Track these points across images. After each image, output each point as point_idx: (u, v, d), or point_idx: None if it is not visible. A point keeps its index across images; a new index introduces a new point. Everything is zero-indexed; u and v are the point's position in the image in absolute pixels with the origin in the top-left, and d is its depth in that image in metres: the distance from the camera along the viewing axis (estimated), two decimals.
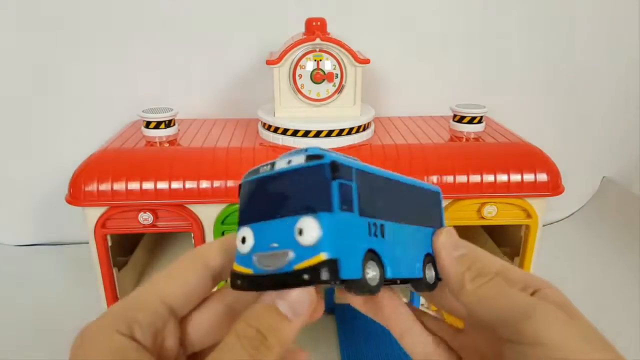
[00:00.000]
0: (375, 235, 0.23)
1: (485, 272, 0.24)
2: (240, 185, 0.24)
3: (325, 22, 0.56)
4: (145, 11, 0.66)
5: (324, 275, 0.20)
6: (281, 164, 0.22)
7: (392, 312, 0.26)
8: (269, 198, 0.22)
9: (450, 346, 0.27)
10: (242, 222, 0.23)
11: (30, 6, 0.64)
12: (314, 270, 0.20)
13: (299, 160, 0.22)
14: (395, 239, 0.24)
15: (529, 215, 0.54)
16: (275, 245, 0.21)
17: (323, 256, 0.20)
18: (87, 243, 0.52)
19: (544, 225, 0.55)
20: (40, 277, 0.66)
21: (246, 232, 0.22)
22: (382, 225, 0.23)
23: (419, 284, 0.26)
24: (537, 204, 0.54)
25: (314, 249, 0.20)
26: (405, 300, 0.27)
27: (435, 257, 0.26)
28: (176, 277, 0.23)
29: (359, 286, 0.21)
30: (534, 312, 0.21)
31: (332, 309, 0.58)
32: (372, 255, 0.22)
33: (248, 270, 0.22)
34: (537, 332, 0.20)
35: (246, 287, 0.22)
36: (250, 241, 0.22)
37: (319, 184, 0.21)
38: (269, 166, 0.23)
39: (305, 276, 0.20)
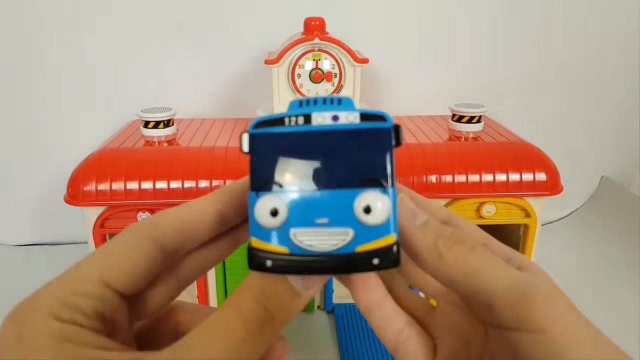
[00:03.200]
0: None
1: (462, 239, 0.20)
2: (251, 137, 0.19)
3: (324, 22, 0.56)
4: (144, 11, 0.66)
5: (395, 260, 0.17)
6: (322, 119, 0.18)
7: (361, 284, 0.22)
8: (308, 161, 0.18)
9: (422, 324, 0.23)
10: (263, 187, 0.18)
11: (30, 6, 0.64)
12: (386, 254, 0.17)
13: (350, 118, 0.18)
14: None
15: (527, 215, 0.54)
16: (324, 221, 0.17)
17: (393, 237, 0.17)
18: (86, 243, 0.52)
19: (542, 225, 0.55)
20: (39, 277, 0.66)
21: (276, 201, 0.18)
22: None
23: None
24: (536, 204, 0.54)
25: (382, 228, 0.17)
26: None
27: None
28: (121, 258, 0.19)
29: (396, 265, 0.18)
30: (535, 292, 0.18)
31: (332, 308, 0.58)
32: None
33: (281, 249, 0.18)
34: (538, 317, 0.18)
35: (281, 270, 0.18)
36: (283, 213, 0.18)
37: (381, 150, 0.18)
38: (300, 119, 0.18)
39: (375, 261, 0.17)
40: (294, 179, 0.18)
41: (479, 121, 0.60)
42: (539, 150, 0.55)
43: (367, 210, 0.17)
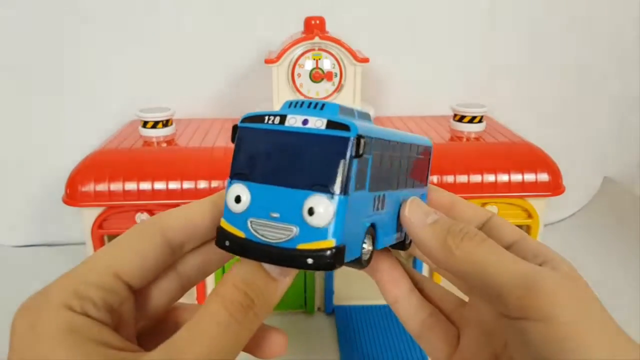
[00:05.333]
0: (378, 209, 0.21)
1: (471, 235, 0.20)
2: (235, 128, 0.21)
3: (325, 21, 0.56)
4: (143, 11, 0.66)
5: (329, 264, 0.18)
6: (294, 121, 0.19)
7: (388, 277, 0.24)
8: (274, 158, 0.19)
9: (449, 317, 0.25)
10: (236, 175, 0.20)
11: (29, 5, 0.64)
12: (320, 256, 0.18)
13: (317, 124, 0.19)
14: (388, 206, 0.22)
15: (530, 216, 0.53)
16: (276, 215, 0.19)
17: (332, 242, 0.18)
18: (84, 244, 0.52)
19: (545, 226, 0.55)
20: (37, 277, 0.66)
21: (242, 190, 0.20)
22: (383, 197, 0.21)
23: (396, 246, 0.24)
24: (538, 204, 0.53)
25: (322, 231, 0.18)
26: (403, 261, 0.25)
27: (407, 230, 0.23)
28: (132, 250, 0.20)
29: (352, 263, 0.19)
30: (540, 282, 0.18)
31: (332, 310, 0.57)
32: (371, 230, 0.21)
33: (239, 233, 0.19)
34: (542, 306, 0.18)
35: (235, 251, 0.20)
36: (245, 202, 0.19)
37: (337, 158, 0.18)
38: (277, 118, 0.20)
39: (310, 260, 0.18)
40: (261, 173, 0.20)
41: (480, 121, 0.59)
42: (541, 151, 0.55)
43: (311, 212, 0.18)
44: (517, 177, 0.52)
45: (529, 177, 0.52)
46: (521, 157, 0.53)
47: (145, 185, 0.50)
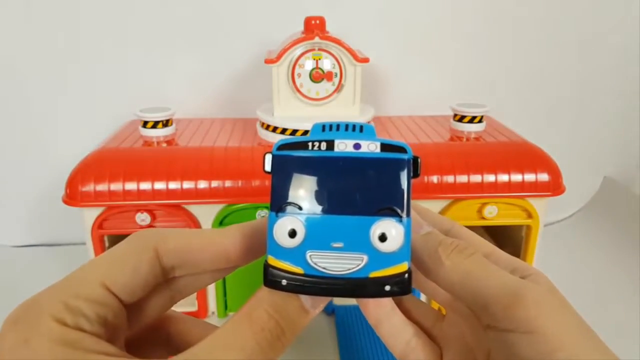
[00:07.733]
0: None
1: (462, 247, 0.21)
2: (270, 157, 0.20)
3: (325, 21, 0.56)
4: (143, 10, 0.66)
5: (407, 288, 0.18)
6: (344, 146, 0.19)
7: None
8: (328, 186, 0.19)
9: (430, 333, 0.25)
10: (283, 207, 0.19)
11: (29, 5, 0.64)
12: (398, 281, 0.18)
13: (371, 147, 0.19)
14: None
15: (530, 216, 0.53)
16: (339, 245, 0.18)
17: (405, 266, 0.18)
18: (84, 244, 0.52)
19: (545, 226, 0.55)
20: (37, 278, 0.66)
21: (295, 223, 0.19)
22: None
23: None
24: (538, 204, 0.53)
25: (395, 256, 0.18)
26: None
27: None
28: (123, 265, 0.20)
29: (407, 292, 0.19)
30: (526, 294, 0.19)
31: (332, 310, 0.57)
32: None
33: (296, 269, 0.18)
34: (530, 318, 0.18)
35: (294, 289, 0.19)
36: (300, 235, 0.18)
37: (398, 181, 0.18)
38: (322, 144, 0.19)
39: (387, 287, 0.18)
40: (314, 202, 0.19)
41: (480, 121, 0.59)
42: (541, 151, 0.55)
43: (382, 238, 0.18)
44: (517, 177, 0.52)
45: (529, 177, 0.52)
46: (521, 157, 0.53)
47: (145, 185, 0.50)
